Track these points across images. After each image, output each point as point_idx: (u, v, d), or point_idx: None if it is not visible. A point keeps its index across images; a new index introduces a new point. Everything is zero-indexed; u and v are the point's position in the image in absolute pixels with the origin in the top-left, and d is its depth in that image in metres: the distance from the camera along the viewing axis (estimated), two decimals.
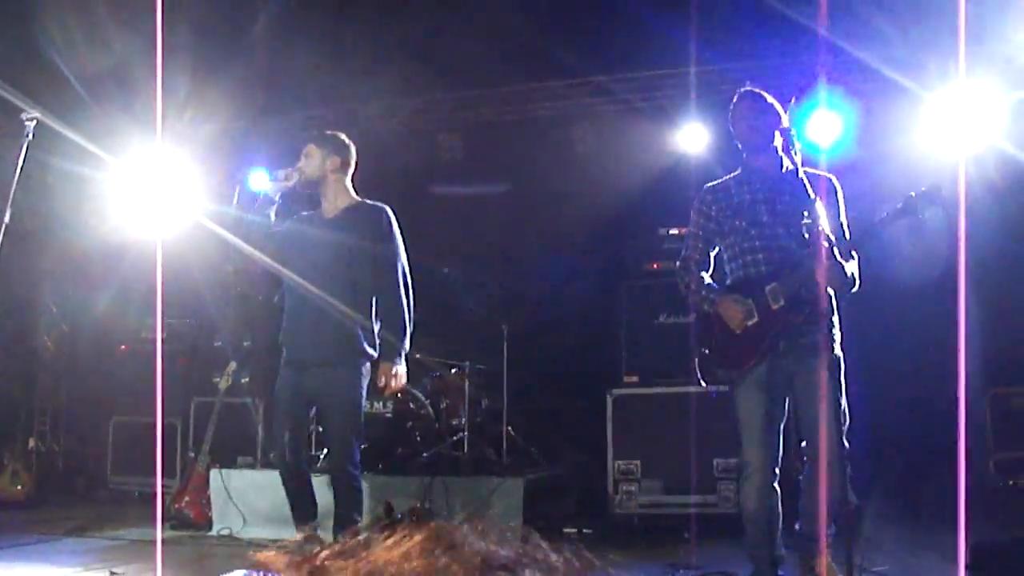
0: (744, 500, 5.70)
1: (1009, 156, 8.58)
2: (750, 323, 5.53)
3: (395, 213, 6.62)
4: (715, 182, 5.90)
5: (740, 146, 5.81)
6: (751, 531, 5.69)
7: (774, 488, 5.63)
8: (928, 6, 7.88)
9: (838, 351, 5.54)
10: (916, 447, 8.69)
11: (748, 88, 5.84)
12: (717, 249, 5.86)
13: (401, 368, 6.51)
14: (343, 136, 6.80)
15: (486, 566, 1.37)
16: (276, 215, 6.58)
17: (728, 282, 5.76)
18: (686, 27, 9.00)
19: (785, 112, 5.74)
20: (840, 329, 5.61)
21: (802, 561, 5.69)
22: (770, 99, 5.72)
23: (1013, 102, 8.74)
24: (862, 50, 8.73)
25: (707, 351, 5.76)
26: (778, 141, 5.64)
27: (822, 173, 5.78)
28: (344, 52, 9.97)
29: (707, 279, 5.82)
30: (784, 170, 5.56)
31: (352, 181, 6.80)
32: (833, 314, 5.54)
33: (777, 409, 5.60)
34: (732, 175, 5.87)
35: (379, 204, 6.67)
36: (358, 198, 6.72)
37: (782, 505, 5.72)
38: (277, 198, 6.54)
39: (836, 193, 5.75)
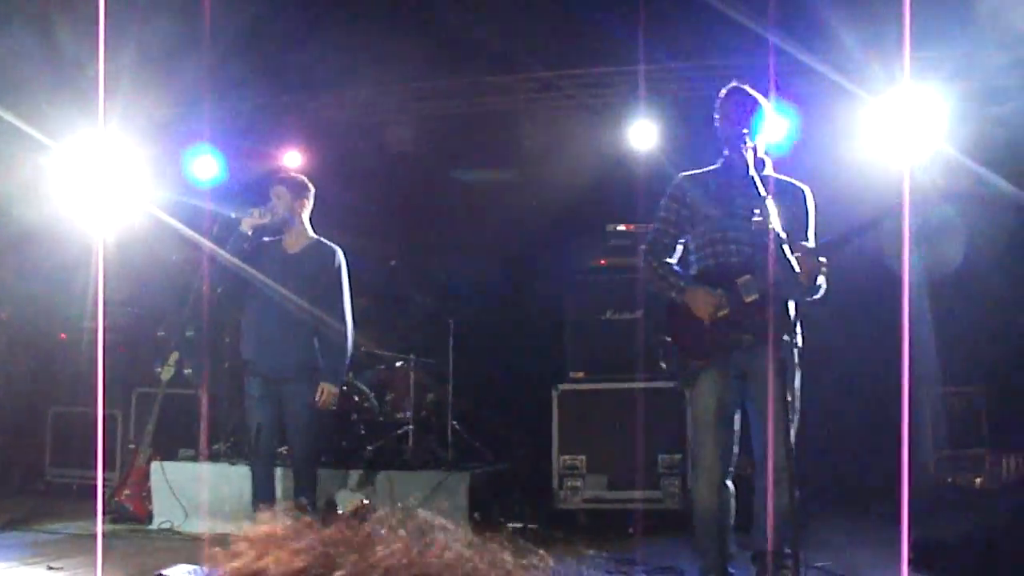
0: (695, 497, 5.67)
1: (954, 159, 8.68)
2: (721, 314, 5.51)
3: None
4: (691, 172, 5.87)
5: (723, 140, 5.77)
6: (701, 528, 5.65)
7: (726, 485, 5.59)
8: (874, 8, 7.95)
9: (797, 359, 5.56)
10: (860, 445, 8.78)
11: (737, 84, 5.83)
12: (685, 239, 5.84)
13: (337, 390, 7.28)
14: (307, 179, 7.59)
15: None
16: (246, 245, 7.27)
17: (693, 271, 5.74)
18: (635, 25, 9.03)
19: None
20: (803, 334, 5.61)
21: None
22: (758, 96, 5.73)
23: (957, 104, 8.86)
24: (809, 53, 8.80)
25: (669, 340, 5.75)
26: (759, 140, 5.66)
27: (799, 184, 5.81)
28: (293, 41, 9.90)
29: (675, 266, 5.80)
30: (762, 169, 5.56)
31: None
32: (794, 318, 5.56)
33: (733, 406, 5.59)
34: (710, 167, 5.86)
35: (333, 245, 7.47)
36: (315, 236, 7.52)
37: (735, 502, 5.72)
38: (251, 234, 7.23)
39: (807, 204, 5.78)
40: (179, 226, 6.95)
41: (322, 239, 7.50)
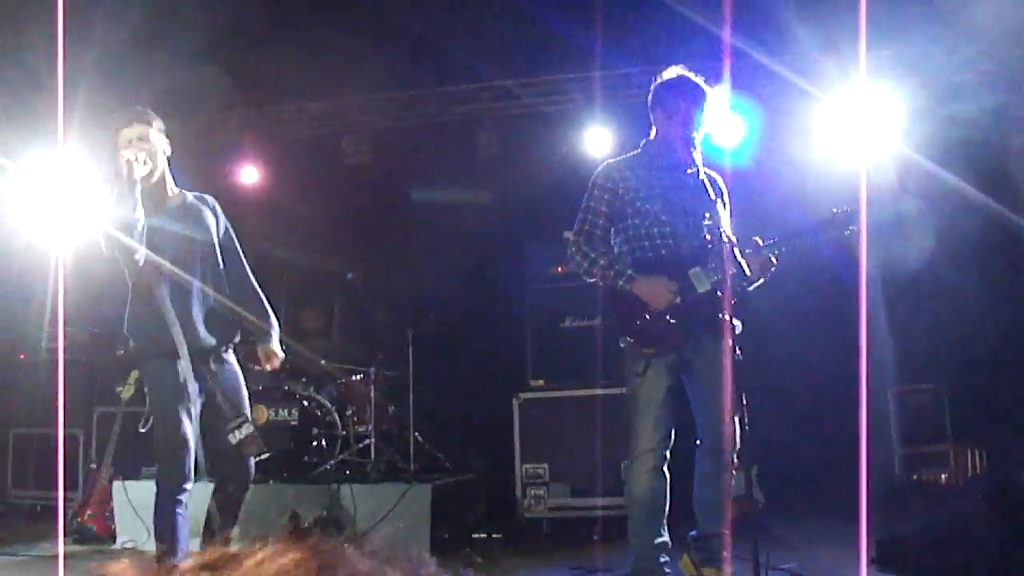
0: (633, 482, 5.65)
1: (910, 157, 8.72)
2: (676, 301, 5.51)
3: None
4: (618, 160, 5.82)
5: (667, 132, 5.70)
6: (637, 515, 5.66)
7: (663, 472, 5.61)
8: (828, 7, 7.97)
9: (738, 352, 5.58)
10: (822, 444, 8.79)
11: (692, 76, 5.75)
12: (613, 230, 5.80)
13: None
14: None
15: None
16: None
17: (628, 260, 5.70)
18: (591, 31, 9.03)
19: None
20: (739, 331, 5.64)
21: (697, 562, 5.71)
22: (703, 85, 5.69)
23: (913, 103, 8.90)
24: (765, 53, 8.82)
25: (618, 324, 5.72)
26: (702, 131, 5.67)
27: (713, 172, 5.81)
28: (246, 55, 9.87)
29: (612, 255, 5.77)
30: (699, 163, 5.55)
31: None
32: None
33: (677, 394, 5.60)
34: (635, 155, 5.80)
35: (204, 196, 6.10)
36: (180, 188, 6.02)
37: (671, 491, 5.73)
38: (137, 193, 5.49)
39: (726, 189, 5.80)
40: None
41: (194, 193, 6.07)
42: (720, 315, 5.39)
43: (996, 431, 9.15)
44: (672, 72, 5.79)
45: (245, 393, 5.98)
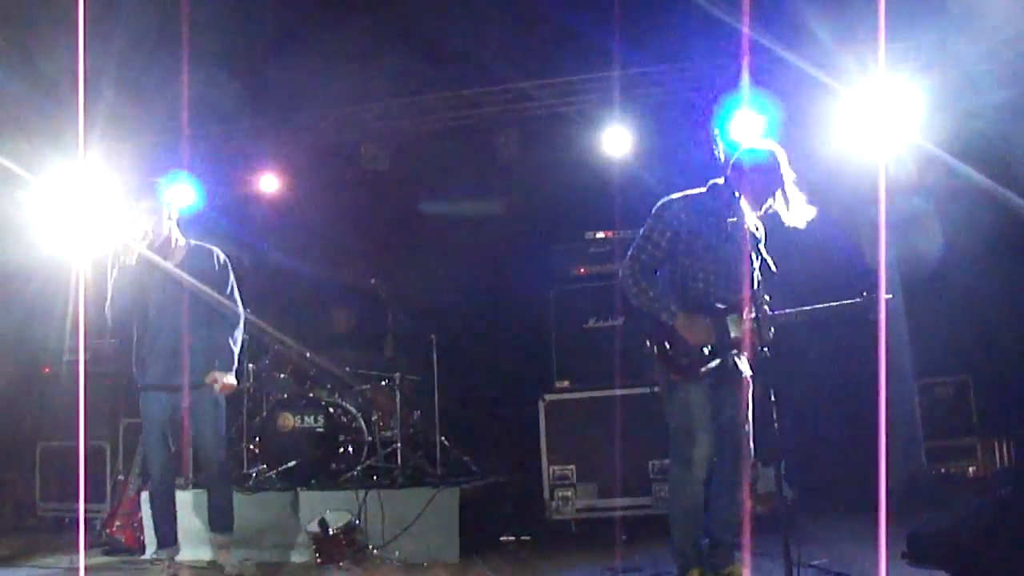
0: (686, 491, 5.78)
1: (929, 151, 8.69)
2: (709, 344, 5.74)
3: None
4: (685, 198, 5.92)
5: (734, 190, 5.82)
6: (690, 525, 5.79)
7: (705, 482, 5.78)
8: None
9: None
10: (851, 439, 8.76)
11: (774, 158, 5.85)
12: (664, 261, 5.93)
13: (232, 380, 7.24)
14: (165, 181, 7.46)
15: None
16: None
17: (673, 294, 5.85)
18: (609, 30, 9.01)
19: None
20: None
21: (710, 572, 5.79)
22: (784, 174, 5.85)
23: (932, 95, 8.86)
24: (784, 47, 8.79)
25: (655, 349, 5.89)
26: None
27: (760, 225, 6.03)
28: (265, 65, 9.88)
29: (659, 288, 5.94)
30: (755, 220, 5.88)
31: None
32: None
33: (708, 409, 5.78)
34: (701, 195, 5.93)
35: (210, 246, 7.34)
36: (189, 240, 7.33)
37: None
38: (136, 263, 6.98)
39: (762, 241, 5.96)
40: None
41: (197, 242, 7.34)
42: (745, 356, 5.82)
43: (1023, 423, 9.12)
44: (759, 145, 5.98)
45: (221, 421, 7.27)
